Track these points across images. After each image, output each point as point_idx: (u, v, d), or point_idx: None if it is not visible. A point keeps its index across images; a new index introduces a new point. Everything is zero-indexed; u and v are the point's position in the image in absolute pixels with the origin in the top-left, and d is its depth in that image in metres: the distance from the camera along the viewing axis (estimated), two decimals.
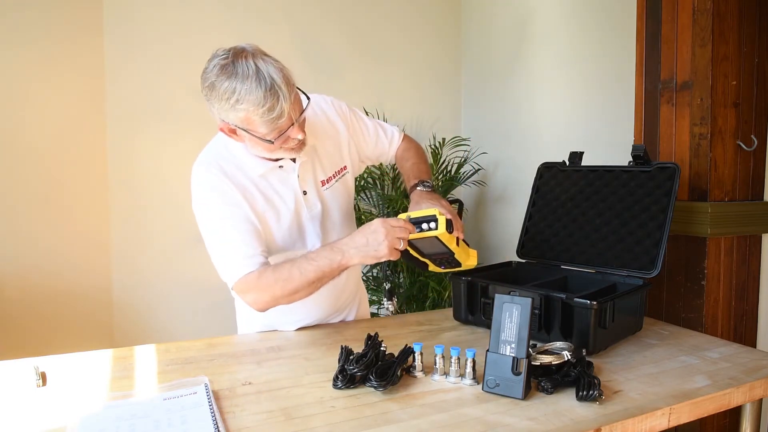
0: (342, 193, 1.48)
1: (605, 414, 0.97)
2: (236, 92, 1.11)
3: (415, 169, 1.48)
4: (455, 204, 1.40)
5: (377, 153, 1.58)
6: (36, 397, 1.04)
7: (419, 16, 3.40)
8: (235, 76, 1.11)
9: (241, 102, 1.11)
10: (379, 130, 1.57)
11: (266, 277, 1.24)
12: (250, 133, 1.18)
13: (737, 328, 1.82)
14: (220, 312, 2.85)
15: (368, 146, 1.55)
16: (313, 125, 1.36)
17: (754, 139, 1.78)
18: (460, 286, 1.49)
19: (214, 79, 1.13)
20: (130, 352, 1.29)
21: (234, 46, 1.15)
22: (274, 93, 1.11)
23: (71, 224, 2.64)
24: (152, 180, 2.80)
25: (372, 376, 1.06)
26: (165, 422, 0.92)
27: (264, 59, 1.14)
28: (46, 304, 2.58)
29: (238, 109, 1.13)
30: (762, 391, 1.13)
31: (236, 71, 1.11)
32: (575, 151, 1.69)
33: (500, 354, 1.05)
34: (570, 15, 2.60)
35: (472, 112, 3.49)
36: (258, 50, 1.16)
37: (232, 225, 1.27)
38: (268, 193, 1.33)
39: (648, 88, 1.89)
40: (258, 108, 1.11)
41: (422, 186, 1.40)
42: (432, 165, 3.14)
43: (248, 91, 1.10)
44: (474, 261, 1.35)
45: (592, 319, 1.22)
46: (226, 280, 1.29)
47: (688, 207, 1.76)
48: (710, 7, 1.69)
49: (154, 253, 2.82)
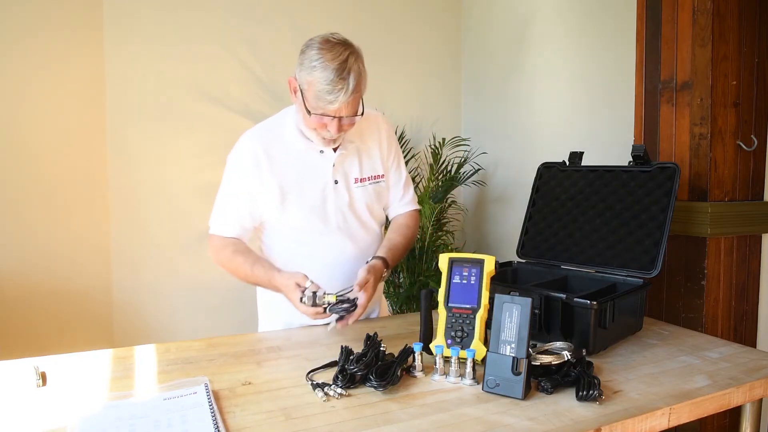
0: (372, 196, 1.55)
1: (605, 414, 0.97)
2: (319, 61, 1.29)
3: (390, 244, 1.54)
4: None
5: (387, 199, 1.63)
6: (36, 397, 1.04)
7: (419, 16, 3.40)
8: (327, 52, 1.29)
9: (316, 69, 1.29)
10: (404, 184, 1.64)
11: (225, 253, 1.47)
12: (303, 97, 1.34)
13: (737, 328, 1.82)
14: (220, 312, 2.85)
15: (389, 184, 1.61)
16: (364, 131, 1.52)
17: (754, 139, 1.78)
18: None
19: (315, 44, 1.31)
20: (130, 352, 1.29)
21: (346, 39, 1.35)
22: (340, 83, 1.28)
23: (71, 224, 2.64)
24: (152, 180, 2.80)
25: (372, 376, 1.06)
26: (165, 422, 0.92)
27: (357, 59, 1.32)
28: (46, 304, 2.58)
29: (311, 74, 1.30)
30: (762, 391, 1.13)
31: (330, 50, 1.30)
32: (575, 151, 1.69)
33: (500, 354, 1.05)
34: (570, 15, 2.60)
35: (472, 112, 3.49)
36: (359, 51, 1.34)
37: (232, 191, 1.48)
38: (301, 169, 1.46)
39: (648, 88, 1.89)
40: (321, 83, 1.28)
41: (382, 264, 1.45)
42: (432, 165, 3.14)
43: (325, 68, 1.28)
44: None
45: (592, 319, 1.22)
46: (209, 224, 1.52)
47: (688, 207, 1.76)
48: (710, 7, 1.69)
49: (154, 253, 2.82)
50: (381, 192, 1.58)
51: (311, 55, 1.30)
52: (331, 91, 1.28)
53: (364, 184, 1.52)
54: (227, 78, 2.91)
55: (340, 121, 1.34)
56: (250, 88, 2.96)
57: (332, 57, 1.28)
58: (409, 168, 3.17)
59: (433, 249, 3.01)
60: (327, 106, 1.30)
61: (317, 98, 1.30)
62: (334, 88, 1.27)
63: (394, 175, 1.61)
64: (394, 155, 1.60)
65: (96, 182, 2.71)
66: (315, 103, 1.31)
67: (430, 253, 2.99)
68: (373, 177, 1.54)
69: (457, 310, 1.21)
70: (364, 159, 1.53)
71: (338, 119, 1.33)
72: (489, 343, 1.08)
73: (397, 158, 1.62)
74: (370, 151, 1.54)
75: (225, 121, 2.88)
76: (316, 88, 1.29)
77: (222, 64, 2.89)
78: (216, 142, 2.64)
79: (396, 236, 1.58)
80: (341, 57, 1.29)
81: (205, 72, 2.86)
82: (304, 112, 1.35)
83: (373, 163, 1.54)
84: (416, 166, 3.27)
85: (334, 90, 1.27)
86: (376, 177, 1.55)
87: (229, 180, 1.48)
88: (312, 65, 1.29)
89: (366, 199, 1.53)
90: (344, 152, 1.48)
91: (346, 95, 1.29)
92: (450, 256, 1.26)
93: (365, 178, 1.53)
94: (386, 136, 1.57)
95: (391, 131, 1.61)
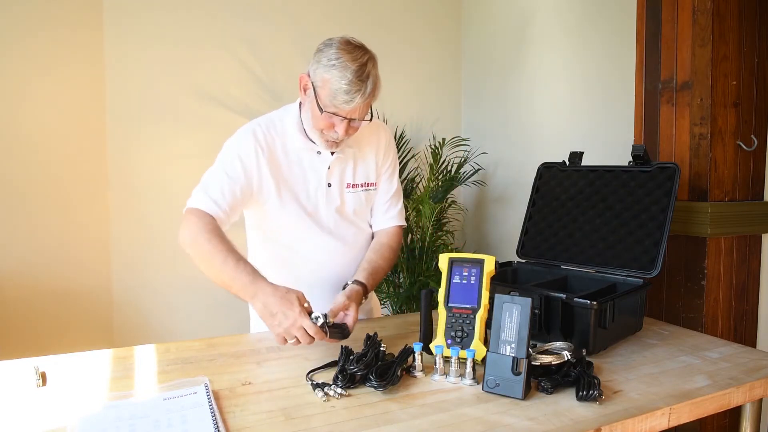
0: (363, 202, 1.54)
1: (605, 414, 0.97)
2: (339, 60, 1.28)
3: (371, 268, 1.46)
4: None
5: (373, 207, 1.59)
6: (36, 397, 1.04)
7: (419, 17, 3.40)
8: (347, 53, 1.29)
9: (334, 68, 1.28)
10: (395, 195, 1.59)
11: (201, 237, 1.32)
12: (316, 94, 1.32)
13: (737, 328, 1.82)
14: (220, 312, 2.85)
15: (378, 194, 1.58)
16: (364, 137, 1.51)
17: (754, 139, 1.78)
18: None
19: (336, 44, 1.31)
20: (130, 352, 1.29)
21: (364, 44, 1.35)
22: (359, 85, 1.28)
23: (71, 224, 2.64)
24: (152, 179, 2.80)
25: (372, 375, 1.06)
26: (165, 422, 0.92)
27: (374, 66, 1.34)
28: (46, 304, 2.58)
29: (329, 72, 1.29)
30: (762, 391, 1.13)
31: (351, 52, 1.30)
32: (575, 151, 1.69)
33: (500, 354, 1.05)
34: (570, 15, 2.60)
35: (472, 112, 3.49)
36: (376, 59, 1.36)
37: (227, 171, 1.39)
38: (296, 168, 1.45)
39: (648, 88, 1.89)
40: (339, 82, 1.27)
41: (361, 290, 1.38)
42: (432, 165, 3.14)
43: (345, 68, 1.27)
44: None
45: (592, 319, 1.22)
46: (187, 203, 1.41)
47: (688, 207, 1.76)
48: (710, 7, 1.69)
49: (154, 252, 2.82)
50: (371, 200, 1.57)
51: (330, 53, 1.29)
52: (348, 91, 1.27)
53: (356, 190, 1.51)
54: (227, 78, 2.91)
55: (349, 123, 1.34)
56: (250, 88, 2.96)
57: (352, 58, 1.28)
58: (409, 168, 3.17)
59: (433, 249, 3.01)
60: (341, 106, 1.29)
61: (332, 97, 1.29)
62: (351, 88, 1.27)
63: (385, 184, 1.58)
64: (390, 165, 1.58)
65: (96, 182, 2.71)
66: (328, 102, 1.30)
67: (430, 253, 2.99)
68: (366, 184, 1.53)
69: (457, 310, 1.22)
70: (359, 165, 1.52)
71: (348, 121, 1.33)
72: (489, 343, 1.08)
73: (391, 168, 1.59)
74: (366, 157, 1.53)
75: (225, 121, 2.88)
76: (332, 86, 1.28)
77: (222, 64, 2.89)
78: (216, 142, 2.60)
79: (378, 258, 1.50)
80: (361, 59, 1.29)
81: (205, 72, 2.86)
82: (315, 110, 1.33)
83: (367, 170, 1.53)
84: (416, 166, 3.27)
85: (351, 90, 1.27)
86: (368, 184, 1.54)
87: (223, 161, 1.40)
88: (331, 63, 1.28)
89: (356, 205, 1.52)
90: (341, 156, 1.46)
91: (362, 98, 1.29)
92: (450, 256, 1.26)
93: (357, 184, 1.52)
94: (385, 145, 1.56)
95: (390, 140, 1.60)
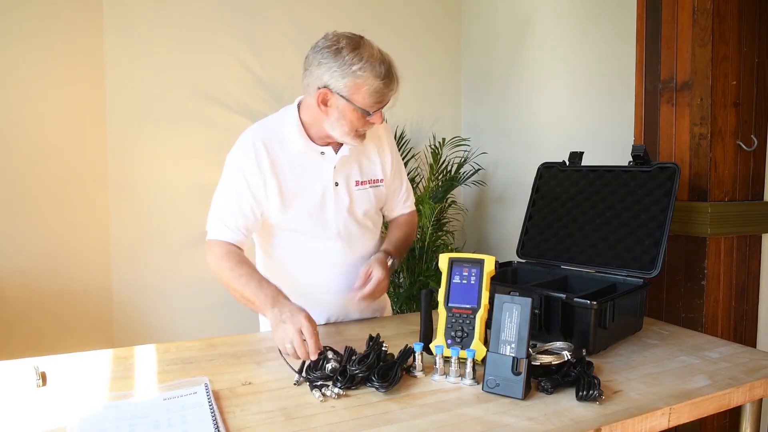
0: (372, 199, 1.54)
1: (605, 414, 0.97)
2: (362, 61, 1.27)
3: (394, 239, 1.59)
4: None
5: (390, 204, 1.65)
6: (36, 397, 1.04)
7: (419, 17, 3.40)
8: (363, 49, 1.29)
9: (363, 70, 1.27)
10: (405, 188, 1.67)
11: (224, 263, 1.37)
12: (351, 101, 1.30)
13: (737, 328, 1.82)
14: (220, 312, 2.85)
15: (390, 190, 1.61)
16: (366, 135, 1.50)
17: (754, 139, 1.78)
18: None
19: (341, 46, 1.28)
20: (130, 352, 1.29)
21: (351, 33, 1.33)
22: (390, 75, 1.30)
23: (71, 224, 2.64)
24: (152, 180, 2.80)
25: (374, 377, 1.06)
26: (165, 422, 0.92)
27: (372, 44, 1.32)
28: (46, 304, 2.58)
29: (357, 75, 1.27)
30: (762, 391, 1.13)
31: (364, 47, 1.29)
32: (575, 151, 1.69)
33: (500, 354, 1.05)
34: (570, 15, 2.60)
35: (472, 112, 3.49)
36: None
37: (235, 190, 1.41)
38: (301, 172, 1.44)
39: (648, 88, 1.89)
40: (376, 79, 1.27)
41: (384, 254, 1.50)
42: (432, 165, 3.14)
43: (372, 65, 1.27)
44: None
45: (592, 319, 1.22)
46: (207, 230, 1.44)
47: (688, 207, 1.76)
48: (710, 7, 1.69)
49: (154, 252, 2.82)
50: (380, 196, 1.57)
51: (347, 60, 1.27)
52: (387, 84, 1.30)
53: (364, 187, 1.52)
54: (227, 78, 2.91)
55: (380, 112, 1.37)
56: (250, 88, 2.96)
57: (369, 54, 1.28)
58: (409, 168, 3.17)
59: (433, 249, 3.01)
60: (383, 98, 1.32)
61: (374, 94, 1.30)
62: (388, 81, 1.30)
63: (395, 182, 1.61)
64: (396, 162, 1.60)
65: (96, 182, 2.71)
66: (371, 101, 1.31)
67: (430, 253, 2.99)
68: (373, 181, 1.54)
69: (457, 310, 1.21)
70: (364, 162, 1.52)
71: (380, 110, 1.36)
72: (489, 343, 1.08)
73: (397, 164, 1.61)
74: (369, 155, 1.53)
75: (225, 121, 2.88)
76: (371, 86, 1.28)
77: (222, 64, 2.89)
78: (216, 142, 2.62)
79: (397, 232, 1.61)
80: (371, 50, 1.30)
81: (205, 72, 2.86)
82: (351, 113, 1.32)
83: (372, 167, 1.54)
84: (416, 166, 3.27)
85: (389, 84, 1.30)
86: (375, 181, 1.54)
87: (228, 179, 1.42)
88: (356, 68, 1.27)
89: (365, 203, 1.53)
90: (345, 155, 1.46)
91: (397, 81, 1.33)
92: (450, 256, 1.26)
93: (365, 181, 1.52)
94: (386, 142, 1.57)
95: (390, 137, 1.60)
